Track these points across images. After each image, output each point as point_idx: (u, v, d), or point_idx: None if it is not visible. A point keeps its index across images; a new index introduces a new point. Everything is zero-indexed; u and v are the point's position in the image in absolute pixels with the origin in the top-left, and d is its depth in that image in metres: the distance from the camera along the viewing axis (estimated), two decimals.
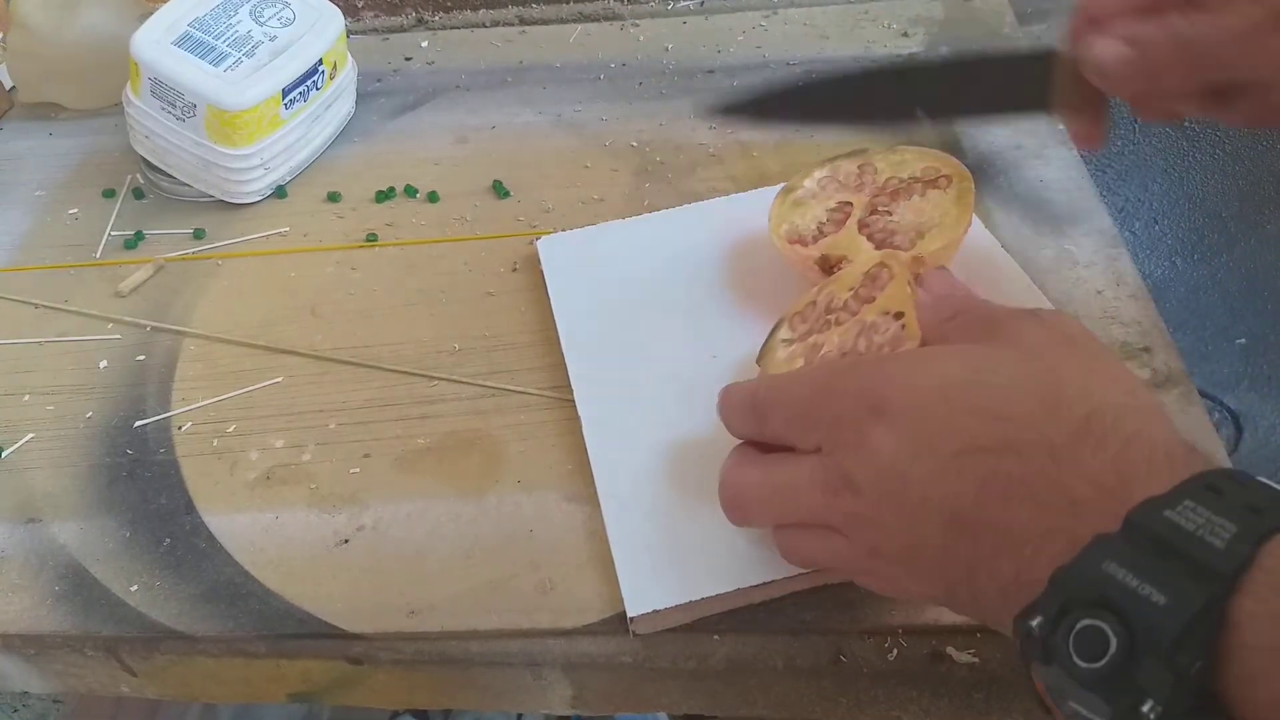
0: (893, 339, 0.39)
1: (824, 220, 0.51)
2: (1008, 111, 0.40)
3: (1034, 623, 0.26)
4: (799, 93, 0.44)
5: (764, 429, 0.37)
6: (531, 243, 0.59)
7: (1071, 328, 0.34)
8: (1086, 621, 0.25)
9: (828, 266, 0.49)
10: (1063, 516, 0.28)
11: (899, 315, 0.40)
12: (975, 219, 0.50)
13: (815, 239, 0.50)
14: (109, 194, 0.67)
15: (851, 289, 0.45)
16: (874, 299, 0.43)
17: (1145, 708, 0.23)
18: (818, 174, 0.53)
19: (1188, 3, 0.37)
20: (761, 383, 0.38)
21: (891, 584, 0.35)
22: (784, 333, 0.46)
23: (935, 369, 0.33)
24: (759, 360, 0.46)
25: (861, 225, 0.49)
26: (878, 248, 0.48)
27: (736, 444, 0.40)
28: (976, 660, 0.41)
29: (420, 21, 0.81)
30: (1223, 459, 0.45)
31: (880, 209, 0.50)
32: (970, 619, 0.33)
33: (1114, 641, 0.24)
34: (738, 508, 0.38)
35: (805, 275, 0.51)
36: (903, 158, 0.52)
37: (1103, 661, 0.24)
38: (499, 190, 0.64)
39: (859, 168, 0.52)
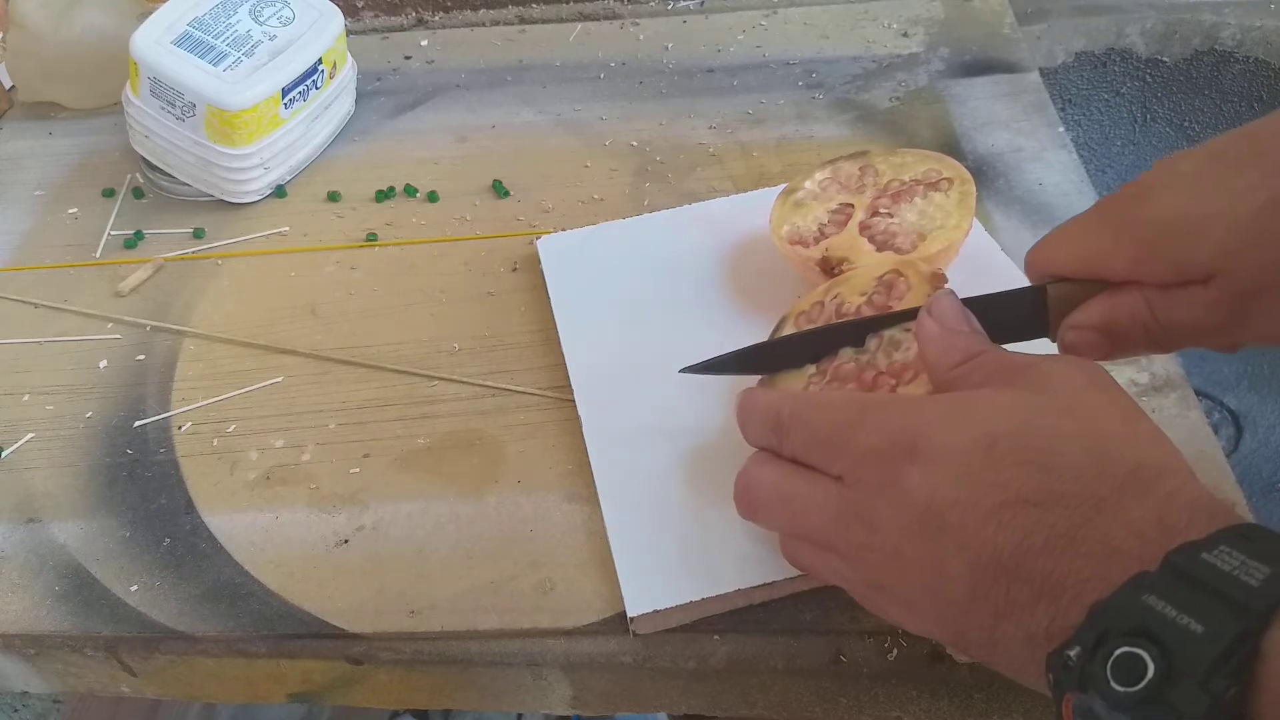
0: (916, 360, 0.39)
1: (825, 221, 0.51)
2: (1011, 341, 0.40)
3: (1071, 652, 0.27)
4: (801, 342, 0.44)
5: (783, 445, 0.37)
6: (531, 243, 0.59)
7: (1099, 376, 0.34)
8: (1125, 649, 0.25)
9: (828, 268, 0.49)
10: (1103, 565, 0.28)
11: None
12: (975, 222, 0.50)
13: (816, 240, 0.50)
14: (109, 194, 0.67)
15: (864, 294, 0.44)
16: (889, 308, 0.43)
17: None
18: (819, 175, 0.53)
19: (1141, 282, 0.37)
20: (786, 399, 0.38)
21: (887, 614, 0.35)
22: (789, 330, 0.46)
23: (977, 417, 0.32)
24: None
25: (862, 227, 0.50)
26: (879, 250, 0.48)
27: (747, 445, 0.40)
28: (976, 660, 0.41)
29: (420, 21, 0.81)
30: (1222, 461, 0.45)
31: (881, 211, 0.50)
32: (971, 657, 0.33)
33: (1151, 667, 0.25)
34: (747, 504, 0.39)
35: (806, 276, 0.51)
36: (904, 160, 0.52)
37: (1140, 685, 0.25)
38: (499, 190, 0.64)
39: (860, 169, 0.52)
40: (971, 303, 0.39)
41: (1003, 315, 0.39)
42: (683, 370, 0.45)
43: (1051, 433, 0.31)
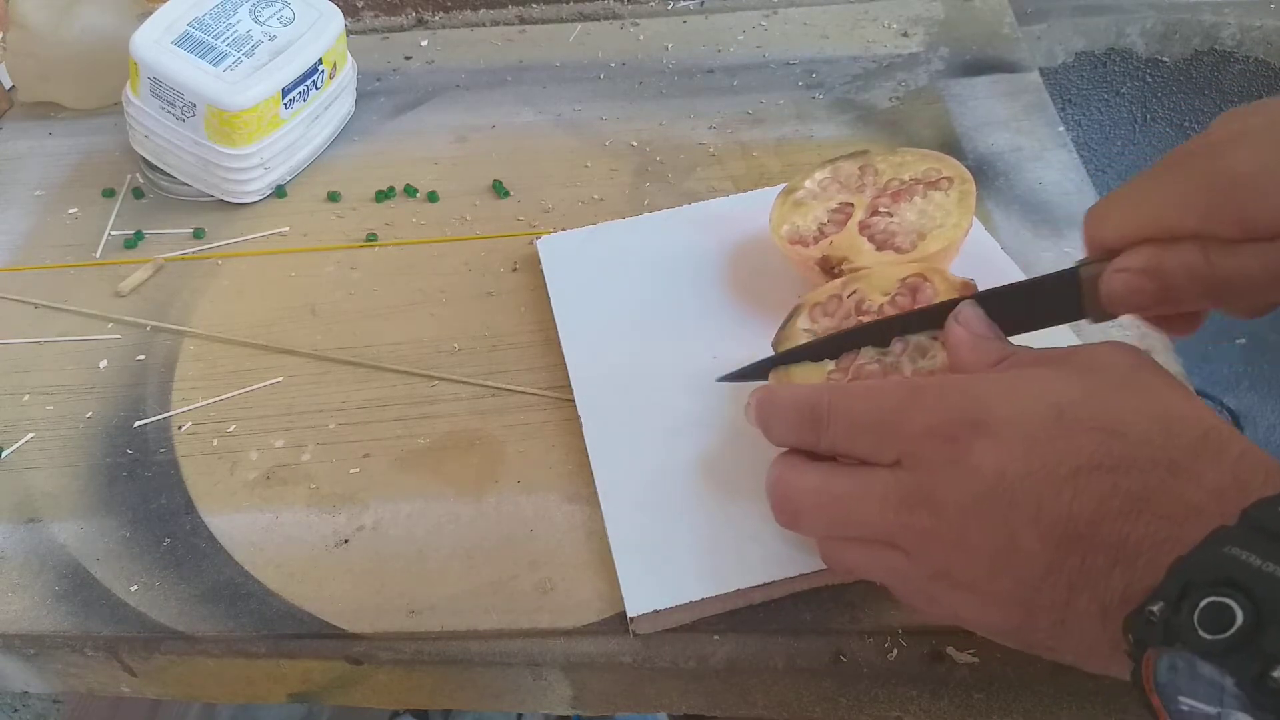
0: (943, 368, 0.39)
1: (825, 221, 0.51)
2: (1040, 326, 0.40)
3: (1154, 608, 0.27)
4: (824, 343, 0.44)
5: (822, 437, 0.36)
6: (531, 243, 0.59)
7: (1145, 358, 0.34)
8: (1211, 599, 0.25)
9: (828, 267, 0.49)
10: (1181, 525, 0.28)
11: None
12: (975, 221, 0.50)
13: (816, 239, 0.50)
14: (109, 194, 0.67)
15: (887, 294, 0.44)
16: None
17: (1276, 673, 0.24)
18: (819, 175, 0.53)
19: (1205, 237, 0.36)
20: (822, 391, 0.37)
21: (946, 609, 0.34)
22: (804, 321, 0.46)
23: (1041, 388, 0.32)
24: (775, 344, 0.46)
25: (862, 226, 0.49)
26: (879, 249, 0.48)
27: (767, 445, 0.39)
28: (976, 660, 0.41)
29: (420, 21, 0.81)
30: None
31: (881, 210, 0.50)
32: (1029, 650, 0.33)
33: (1240, 614, 0.25)
34: (790, 512, 0.37)
35: (806, 276, 0.51)
36: (904, 159, 0.52)
37: (1230, 632, 0.25)
38: (499, 190, 0.64)
39: (860, 169, 0.52)
40: (1001, 291, 0.39)
41: (1035, 300, 0.39)
42: (721, 379, 0.44)
43: (1116, 401, 0.31)
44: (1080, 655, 0.31)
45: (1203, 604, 0.25)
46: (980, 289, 0.44)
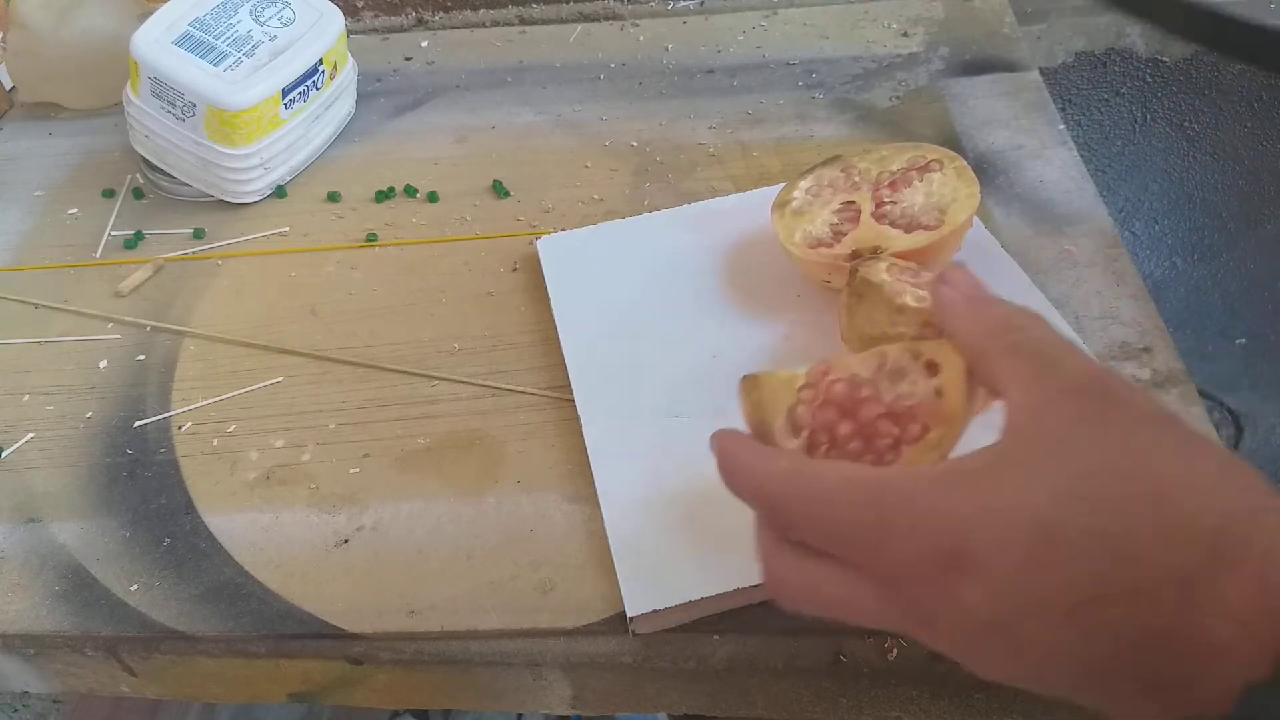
0: (925, 405, 0.34)
1: (835, 222, 0.51)
2: None
3: None
4: None
5: (788, 533, 0.32)
6: (531, 243, 0.59)
7: (1144, 394, 0.30)
8: None
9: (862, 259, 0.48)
10: (1207, 663, 0.26)
11: (932, 369, 0.35)
12: (976, 220, 0.50)
13: (836, 239, 0.50)
14: (109, 194, 0.67)
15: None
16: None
17: None
18: (803, 184, 0.53)
19: None
20: (772, 481, 0.32)
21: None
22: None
23: (1019, 500, 0.28)
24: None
25: (877, 218, 0.49)
26: (907, 231, 0.48)
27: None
28: None
29: (420, 21, 0.81)
30: None
31: (886, 201, 0.50)
32: None
33: None
34: (787, 603, 0.33)
35: (829, 278, 0.50)
36: (881, 154, 0.52)
37: None
38: (499, 190, 0.64)
39: (842, 170, 0.52)
40: None
41: None
42: None
43: (1111, 502, 0.27)
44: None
45: None
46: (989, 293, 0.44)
